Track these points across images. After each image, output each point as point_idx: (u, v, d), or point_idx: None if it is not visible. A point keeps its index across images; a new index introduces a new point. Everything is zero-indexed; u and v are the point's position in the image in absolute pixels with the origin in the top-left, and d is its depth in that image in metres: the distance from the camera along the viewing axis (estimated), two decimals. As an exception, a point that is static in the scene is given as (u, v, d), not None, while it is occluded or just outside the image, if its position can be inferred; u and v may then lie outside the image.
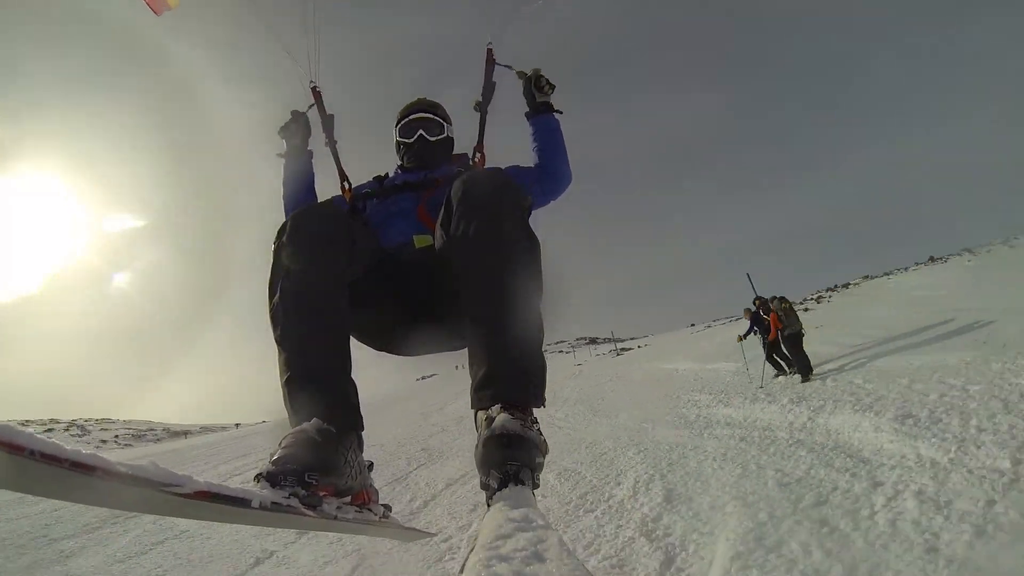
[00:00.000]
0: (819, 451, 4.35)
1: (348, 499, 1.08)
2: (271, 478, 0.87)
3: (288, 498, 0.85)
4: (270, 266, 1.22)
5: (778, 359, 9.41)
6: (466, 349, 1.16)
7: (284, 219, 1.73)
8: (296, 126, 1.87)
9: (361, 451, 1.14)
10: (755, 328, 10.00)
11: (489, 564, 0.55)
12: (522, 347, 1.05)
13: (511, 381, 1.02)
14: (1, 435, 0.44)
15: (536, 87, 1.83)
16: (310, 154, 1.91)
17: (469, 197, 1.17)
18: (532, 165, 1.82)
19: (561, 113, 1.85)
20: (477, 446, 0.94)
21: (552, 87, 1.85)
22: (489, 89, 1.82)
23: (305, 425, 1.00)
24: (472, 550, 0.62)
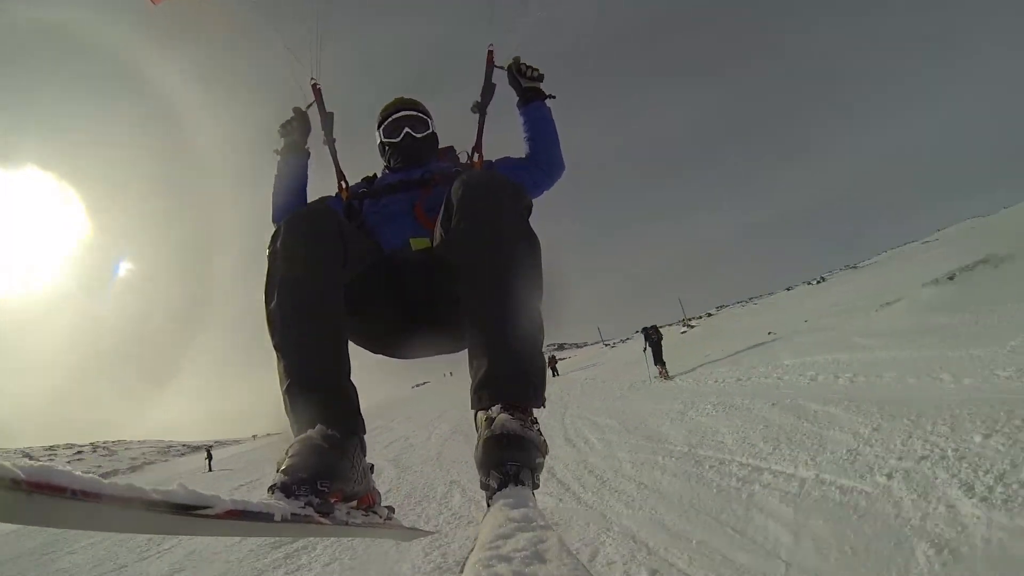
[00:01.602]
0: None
1: (355, 503, 1.08)
2: (285, 489, 0.88)
3: (304, 508, 0.86)
4: (265, 272, 1.21)
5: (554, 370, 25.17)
6: (464, 352, 1.17)
7: (272, 218, 1.74)
8: (297, 123, 1.85)
9: (364, 455, 1.15)
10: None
11: (489, 564, 0.56)
12: (522, 347, 1.06)
13: (511, 381, 1.02)
14: (40, 478, 0.46)
15: (519, 73, 1.81)
16: (307, 154, 1.88)
17: (469, 197, 1.17)
18: (523, 155, 1.80)
19: (553, 98, 1.83)
20: (477, 446, 0.95)
21: (537, 71, 1.82)
22: (489, 91, 1.80)
23: (310, 432, 1.00)
24: (472, 550, 0.63)
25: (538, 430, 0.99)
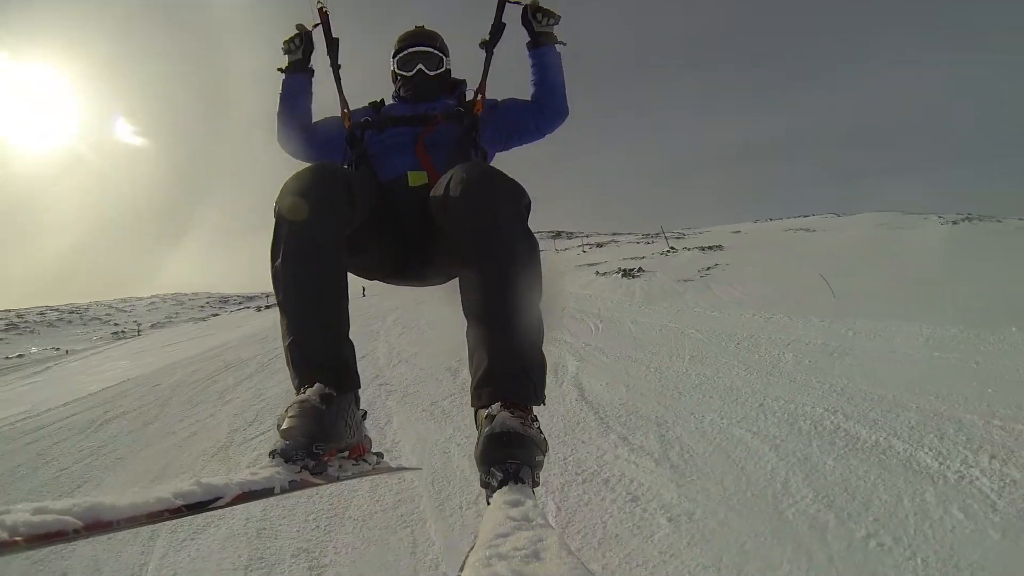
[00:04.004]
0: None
1: (346, 454, 1.16)
2: (284, 454, 0.95)
3: (300, 472, 0.94)
4: (272, 229, 1.21)
5: None
6: (453, 281, 1.24)
7: (276, 135, 1.80)
8: (300, 41, 1.81)
9: (358, 407, 1.21)
10: None
11: (489, 563, 0.55)
12: (522, 346, 1.08)
13: (511, 379, 1.04)
14: (33, 532, 0.50)
15: (533, 17, 1.77)
16: (311, 72, 1.85)
17: (468, 197, 1.16)
18: (529, 98, 1.82)
19: (564, 45, 1.81)
20: (477, 444, 0.97)
21: (552, 16, 1.78)
22: (498, 29, 1.72)
23: (308, 394, 1.04)
24: (472, 548, 0.63)
25: (538, 428, 1.01)
